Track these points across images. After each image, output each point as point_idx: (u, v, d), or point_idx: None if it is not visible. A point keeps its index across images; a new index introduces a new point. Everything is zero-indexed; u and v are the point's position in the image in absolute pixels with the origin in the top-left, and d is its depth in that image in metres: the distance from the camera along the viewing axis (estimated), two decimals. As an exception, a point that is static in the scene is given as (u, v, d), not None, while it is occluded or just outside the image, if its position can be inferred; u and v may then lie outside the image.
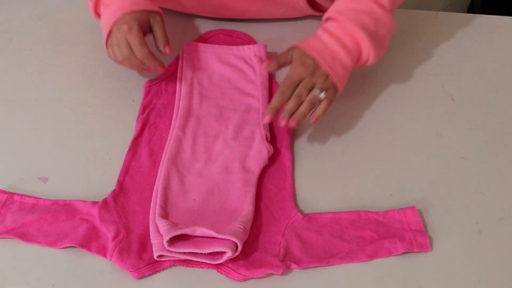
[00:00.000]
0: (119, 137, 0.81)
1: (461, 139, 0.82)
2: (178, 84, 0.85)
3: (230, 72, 0.87)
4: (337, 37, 0.78)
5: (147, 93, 0.85)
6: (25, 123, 0.82)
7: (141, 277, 0.67)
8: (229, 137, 0.79)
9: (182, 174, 0.74)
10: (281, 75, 0.89)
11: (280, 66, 0.79)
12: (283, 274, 0.67)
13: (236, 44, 0.92)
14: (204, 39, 0.93)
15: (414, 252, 0.70)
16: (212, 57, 0.89)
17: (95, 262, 0.68)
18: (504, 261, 0.70)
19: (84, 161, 0.78)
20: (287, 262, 0.67)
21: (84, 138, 0.81)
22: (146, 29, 0.81)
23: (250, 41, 0.93)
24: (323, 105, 0.76)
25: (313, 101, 0.76)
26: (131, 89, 0.86)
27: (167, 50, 0.80)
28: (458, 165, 0.79)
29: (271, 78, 0.88)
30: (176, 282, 0.67)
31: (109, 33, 0.79)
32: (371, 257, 0.69)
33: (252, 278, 0.67)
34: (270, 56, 0.89)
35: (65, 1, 0.98)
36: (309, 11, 0.92)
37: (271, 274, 0.67)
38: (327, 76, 0.76)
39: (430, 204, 0.75)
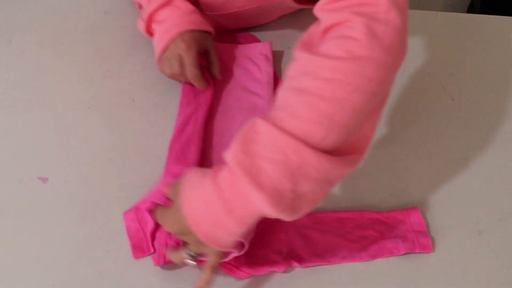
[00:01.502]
0: (119, 137, 0.81)
1: (461, 139, 0.82)
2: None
3: (236, 71, 0.87)
4: (224, 198, 0.56)
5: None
6: (25, 123, 0.82)
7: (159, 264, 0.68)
8: (235, 135, 0.79)
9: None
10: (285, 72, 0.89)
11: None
12: (285, 272, 0.67)
13: (240, 43, 0.92)
14: None
15: (420, 252, 0.70)
16: (218, 55, 0.89)
17: (95, 262, 0.69)
18: (504, 261, 0.70)
19: (84, 161, 0.78)
20: (289, 260, 0.67)
21: (84, 138, 0.81)
22: (201, 50, 0.81)
23: (254, 40, 0.93)
24: (204, 276, 0.62)
25: (180, 262, 0.63)
26: (131, 89, 0.86)
27: (220, 76, 0.83)
28: (458, 165, 0.79)
29: (276, 76, 0.88)
30: (178, 279, 0.67)
31: (165, 48, 0.79)
32: (373, 257, 0.69)
33: (254, 275, 0.67)
34: (275, 54, 0.89)
35: (65, 1, 0.98)
36: (301, 6, 0.91)
37: (273, 272, 0.67)
38: (200, 241, 0.59)
39: (430, 204, 0.75)
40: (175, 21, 0.78)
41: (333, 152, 0.56)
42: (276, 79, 0.87)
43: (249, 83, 0.86)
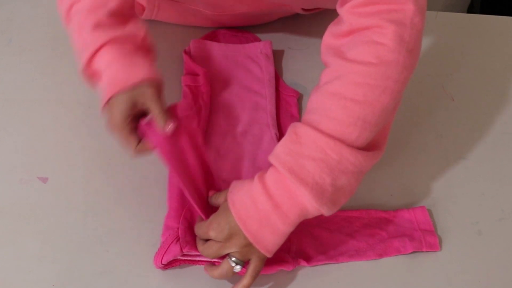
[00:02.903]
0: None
1: (461, 139, 0.82)
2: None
3: (237, 70, 0.87)
4: (271, 194, 0.60)
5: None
6: (25, 123, 0.82)
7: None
8: (237, 135, 0.79)
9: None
10: (286, 72, 0.89)
11: (214, 204, 0.68)
12: (292, 271, 0.68)
13: (241, 42, 0.92)
14: (209, 38, 0.93)
15: (422, 251, 0.70)
16: (219, 55, 0.89)
17: (95, 262, 0.69)
18: (504, 261, 0.70)
19: (84, 161, 0.78)
20: (297, 259, 0.68)
21: (84, 138, 0.81)
22: (140, 107, 0.66)
23: (255, 39, 0.93)
24: (245, 282, 0.63)
25: (227, 273, 0.63)
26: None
27: (169, 127, 0.66)
28: (458, 165, 0.79)
29: (277, 75, 0.88)
30: (178, 280, 0.67)
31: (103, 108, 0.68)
32: (380, 255, 0.69)
33: (262, 275, 0.67)
34: (275, 53, 0.89)
35: (65, 1, 0.98)
36: (309, 13, 0.93)
37: (281, 271, 0.68)
38: (246, 244, 0.62)
39: (430, 204, 0.75)
40: (110, 78, 0.66)
41: (364, 147, 0.62)
42: (277, 78, 0.87)
43: (251, 82, 0.86)
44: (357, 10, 0.63)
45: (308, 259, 0.68)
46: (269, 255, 0.63)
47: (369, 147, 0.63)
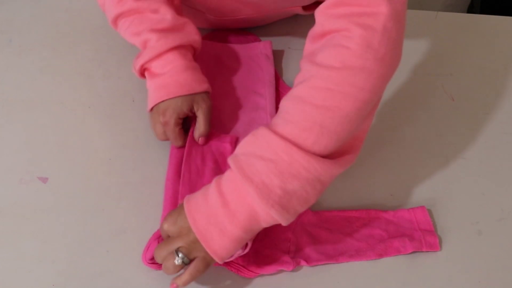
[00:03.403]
0: (119, 137, 0.81)
1: (461, 139, 0.82)
2: None
3: (237, 70, 0.87)
4: (222, 191, 0.59)
5: None
6: (25, 123, 0.82)
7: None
8: (238, 136, 0.79)
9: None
10: (286, 73, 0.89)
11: None
12: (292, 271, 0.68)
13: (241, 43, 0.92)
14: (209, 38, 0.93)
15: (421, 251, 0.70)
16: (219, 55, 0.89)
17: (95, 262, 0.69)
18: (504, 261, 0.70)
19: (84, 161, 0.78)
20: (297, 259, 0.68)
21: (84, 138, 0.81)
22: (188, 113, 0.75)
23: (255, 39, 0.93)
24: (183, 278, 0.61)
25: (172, 269, 0.62)
26: (131, 89, 0.86)
27: (201, 141, 0.75)
28: (458, 165, 0.79)
29: (277, 75, 0.88)
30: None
31: (152, 108, 0.76)
32: (380, 255, 0.69)
33: (262, 275, 0.67)
34: (275, 53, 0.89)
35: (65, 1, 0.98)
36: (309, 13, 0.92)
37: (281, 271, 0.68)
38: (195, 241, 0.60)
39: (430, 204, 0.75)
40: (167, 80, 0.74)
41: (327, 155, 0.60)
42: (277, 78, 0.87)
43: (251, 83, 0.86)
44: (329, 11, 0.62)
45: (308, 259, 0.68)
46: (218, 260, 0.60)
47: (334, 155, 0.61)
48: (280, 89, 0.86)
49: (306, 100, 0.59)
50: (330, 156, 0.60)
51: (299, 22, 0.95)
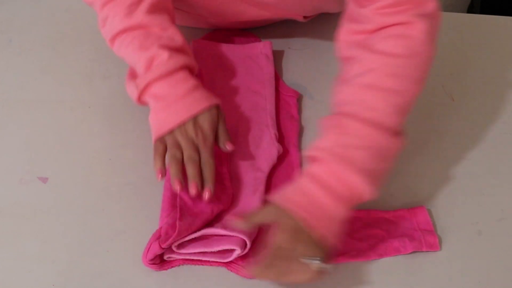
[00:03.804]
0: (119, 137, 0.81)
1: (461, 139, 0.82)
2: None
3: (237, 70, 0.87)
4: (325, 185, 0.63)
5: None
6: (25, 123, 0.82)
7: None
8: (237, 135, 0.79)
9: None
10: (286, 73, 0.89)
11: (254, 226, 0.67)
12: None
13: (241, 43, 0.92)
14: (209, 38, 0.93)
15: (421, 251, 0.70)
16: (219, 55, 0.89)
17: (95, 262, 0.69)
18: (504, 261, 0.70)
19: (84, 161, 0.78)
20: None
21: (84, 138, 0.81)
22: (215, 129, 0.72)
23: (255, 39, 0.93)
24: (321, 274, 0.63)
25: (317, 275, 0.63)
26: (131, 89, 0.86)
27: (230, 147, 0.72)
28: (458, 165, 0.79)
29: (277, 75, 0.88)
30: (186, 280, 0.67)
31: (169, 131, 0.69)
32: (380, 255, 0.69)
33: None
34: (275, 54, 0.89)
35: (65, 1, 0.98)
36: (308, 19, 0.93)
37: None
38: (314, 239, 0.62)
39: (430, 204, 0.75)
40: (180, 101, 0.70)
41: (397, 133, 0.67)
42: (277, 78, 0.87)
43: (251, 83, 0.86)
44: (384, 11, 0.67)
45: None
46: (332, 240, 0.63)
47: (400, 132, 0.68)
48: (280, 89, 0.86)
49: (383, 87, 0.65)
50: (398, 132, 0.67)
51: (299, 23, 0.95)
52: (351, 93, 0.67)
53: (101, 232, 0.71)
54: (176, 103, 0.69)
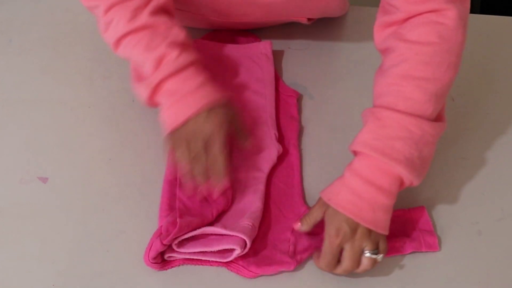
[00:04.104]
0: (119, 137, 0.81)
1: (461, 139, 0.82)
2: None
3: (238, 70, 0.87)
4: (371, 181, 0.65)
5: None
6: (25, 123, 0.82)
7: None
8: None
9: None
10: (286, 73, 0.89)
11: (312, 225, 0.69)
12: (293, 271, 0.68)
13: (241, 43, 0.92)
14: (209, 38, 0.93)
15: (420, 252, 0.70)
16: (219, 55, 0.89)
17: (95, 262, 0.69)
18: (504, 261, 0.70)
19: (84, 161, 0.78)
20: (297, 256, 0.68)
21: (84, 138, 0.81)
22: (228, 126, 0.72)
23: (255, 39, 0.93)
24: (379, 258, 0.67)
25: (372, 264, 0.67)
26: (131, 89, 0.86)
27: (246, 143, 0.74)
28: (458, 165, 0.79)
29: (277, 75, 0.88)
30: (186, 280, 0.67)
31: (182, 123, 0.69)
32: None
33: (262, 275, 0.67)
34: (275, 54, 0.89)
35: (65, 1, 0.98)
36: (311, 21, 0.93)
37: (281, 272, 0.68)
38: (370, 232, 0.66)
39: (430, 204, 0.75)
40: (193, 94, 0.70)
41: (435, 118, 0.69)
42: (277, 78, 0.87)
43: (251, 82, 0.86)
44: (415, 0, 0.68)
45: (307, 250, 0.68)
46: (387, 233, 0.67)
47: (437, 117, 0.69)
48: (280, 89, 0.86)
49: (418, 76, 0.67)
50: (435, 118, 0.69)
51: (299, 23, 0.95)
52: (387, 84, 0.68)
53: (101, 232, 0.71)
54: (186, 98, 0.69)
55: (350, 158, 0.69)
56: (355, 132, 0.83)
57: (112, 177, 0.76)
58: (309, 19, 0.91)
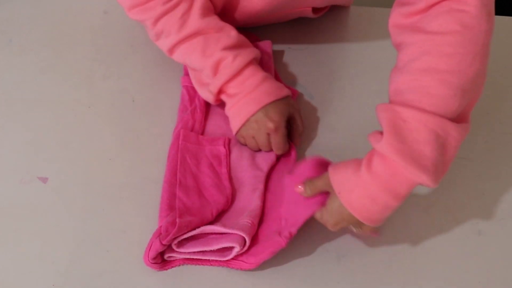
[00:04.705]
0: (119, 137, 0.81)
1: (461, 139, 0.82)
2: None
3: None
4: (390, 189, 0.62)
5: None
6: (25, 123, 0.82)
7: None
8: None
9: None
10: (286, 72, 0.89)
11: (313, 194, 0.69)
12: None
13: None
14: None
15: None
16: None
17: (95, 262, 0.69)
18: (504, 261, 0.70)
19: (84, 161, 0.78)
20: (285, 232, 0.67)
21: (84, 138, 0.81)
22: (287, 121, 0.77)
23: (255, 39, 0.93)
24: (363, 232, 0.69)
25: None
26: (131, 89, 0.86)
27: (298, 142, 0.79)
28: (458, 165, 0.79)
29: (277, 75, 0.87)
30: (186, 281, 0.67)
31: (244, 123, 0.76)
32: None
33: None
34: (275, 53, 0.89)
35: (65, 1, 0.98)
36: (317, 15, 0.93)
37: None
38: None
39: (430, 204, 0.75)
40: (252, 94, 0.75)
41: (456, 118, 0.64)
42: (278, 78, 0.87)
43: None
44: None
45: (296, 222, 0.68)
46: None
47: (462, 117, 0.65)
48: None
49: (442, 69, 0.61)
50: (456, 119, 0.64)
51: (299, 22, 0.95)
52: (407, 81, 0.63)
53: (101, 232, 0.71)
54: (246, 98, 0.74)
55: (350, 158, 0.69)
56: (355, 132, 0.84)
57: (112, 177, 0.76)
58: (314, 12, 0.91)
